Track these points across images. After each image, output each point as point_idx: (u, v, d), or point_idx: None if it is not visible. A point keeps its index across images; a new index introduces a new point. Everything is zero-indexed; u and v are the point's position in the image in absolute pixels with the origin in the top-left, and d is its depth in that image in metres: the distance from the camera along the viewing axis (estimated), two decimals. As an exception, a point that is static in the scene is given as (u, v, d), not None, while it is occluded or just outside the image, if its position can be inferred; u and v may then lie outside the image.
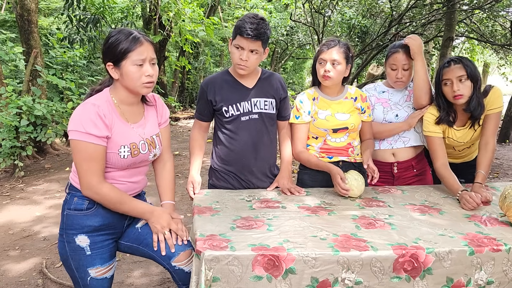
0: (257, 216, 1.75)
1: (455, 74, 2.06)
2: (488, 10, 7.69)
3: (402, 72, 2.26)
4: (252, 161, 2.14)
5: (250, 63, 1.97)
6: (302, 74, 23.24)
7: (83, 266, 1.63)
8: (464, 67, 2.05)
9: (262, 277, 1.42)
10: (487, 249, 1.49)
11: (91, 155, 1.54)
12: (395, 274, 1.46)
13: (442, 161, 2.16)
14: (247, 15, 1.96)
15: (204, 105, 2.13)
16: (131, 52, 1.54)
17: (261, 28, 1.92)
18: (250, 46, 1.94)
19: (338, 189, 1.98)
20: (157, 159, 1.84)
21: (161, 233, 1.64)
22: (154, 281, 2.86)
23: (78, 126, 1.52)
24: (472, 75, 2.05)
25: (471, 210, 1.87)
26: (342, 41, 2.13)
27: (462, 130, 2.21)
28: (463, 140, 2.22)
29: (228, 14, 15.18)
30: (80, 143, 1.53)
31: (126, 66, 1.56)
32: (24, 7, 6.33)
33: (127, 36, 1.55)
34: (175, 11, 7.20)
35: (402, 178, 2.36)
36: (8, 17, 10.14)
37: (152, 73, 1.60)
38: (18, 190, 5.05)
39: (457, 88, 2.05)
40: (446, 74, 2.10)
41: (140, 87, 1.60)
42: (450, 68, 2.08)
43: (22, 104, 5.17)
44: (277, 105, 2.16)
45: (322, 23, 8.91)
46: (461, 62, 2.07)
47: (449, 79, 2.08)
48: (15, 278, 2.92)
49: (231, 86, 2.09)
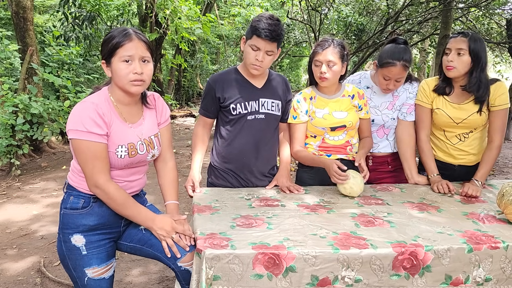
0: (256, 214, 1.76)
1: (455, 45, 2.04)
2: (484, 8, 7.72)
3: (394, 83, 2.16)
4: (252, 160, 2.14)
5: (265, 63, 2.00)
6: (298, 72, 23.26)
7: (79, 266, 1.63)
8: (468, 42, 2.00)
9: (262, 275, 1.42)
10: (485, 246, 1.50)
11: (95, 154, 1.52)
12: (395, 271, 1.47)
13: (427, 132, 2.24)
14: (263, 15, 1.97)
15: (211, 101, 2.13)
16: (120, 48, 1.52)
17: (278, 29, 1.93)
18: (266, 47, 1.95)
19: (336, 177, 1.94)
20: (159, 158, 1.83)
21: (168, 238, 1.62)
22: (152, 280, 2.86)
23: (78, 125, 1.50)
24: (474, 53, 2.00)
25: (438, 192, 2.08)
26: (337, 40, 2.11)
27: (456, 106, 2.15)
28: (454, 117, 2.16)
29: (224, 11, 15.15)
30: (82, 142, 1.51)
31: (115, 62, 1.54)
32: (19, 5, 6.29)
33: (119, 32, 1.54)
34: (171, 9, 7.19)
35: (377, 171, 2.36)
36: (2, 15, 10.07)
37: (141, 71, 1.55)
38: (15, 189, 5.03)
39: (451, 59, 2.04)
40: (450, 43, 2.08)
41: (128, 85, 1.55)
42: (455, 39, 2.06)
43: (18, 102, 5.15)
44: (283, 107, 2.19)
45: (319, 21, 8.92)
46: (468, 36, 2.02)
47: (449, 48, 2.08)
48: (13, 277, 2.91)
49: (240, 84, 2.11)
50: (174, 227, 1.63)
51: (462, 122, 2.16)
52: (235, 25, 13.79)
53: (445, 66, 2.09)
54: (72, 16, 7.98)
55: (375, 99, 2.32)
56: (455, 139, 2.24)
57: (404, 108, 2.29)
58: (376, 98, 2.33)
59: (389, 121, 2.31)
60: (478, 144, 2.24)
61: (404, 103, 2.29)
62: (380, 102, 2.32)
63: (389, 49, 2.15)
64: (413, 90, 2.29)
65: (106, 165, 1.56)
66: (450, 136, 2.24)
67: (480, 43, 2.03)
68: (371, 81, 2.35)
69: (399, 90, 2.30)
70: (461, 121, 2.16)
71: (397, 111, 2.31)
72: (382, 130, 2.35)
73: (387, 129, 2.35)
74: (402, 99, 2.30)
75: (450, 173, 2.23)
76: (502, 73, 11.91)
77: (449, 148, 2.26)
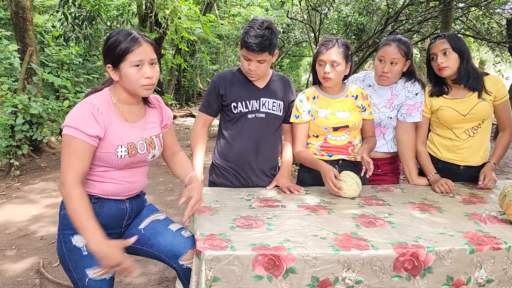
0: (256, 215, 1.75)
1: (439, 48, 2.16)
2: (484, 8, 7.70)
3: (389, 66, 2.18)
4: (252, 159, 2.15)
5: (260, 71, 2.04)
6: (298, 71, 23.23)
7: (80, 266, 1.61)
8: (448, 41, 2.14)
9: (262, 276, 1.41)
10: (487, 247, 1.49)
11: (76, 152, 1.50)
12: (396, 273, 1.46)
13: (422, 138, 2.33)
14: (252, 24, 1.95)
15: (214, 98, 2.15)
16: (130, 53, 1.51)
17: (266, 40, 1.92)
18: (257, 58, 1.98)
19: (330, 186, 1.95)
20: (168, 153, 1.84)
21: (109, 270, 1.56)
22: (152, 280, 2.85)
23: (71, 122, 1.50)
24: (457, 48, 2.13)
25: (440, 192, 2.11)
26: (341, 40, 2.10)
27: (459, 101, 2.21)
28: (460, 110, 2.20)
29: (224, 11, 15.14)
30: (69, 138, 1.50)
31: (125, 68, 1.53)
32: (19, 5, 6.27)
33: (125, 36, 1.52)
34: (171, 9, 7.17)
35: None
36: (2, 15, 10.06)
37: (152, 75, 1.56)
38: (14, 189, 5.02)
39: (440, 60, 2.15)
40: (432, 49, 2.20)
41: (140, 89, 1.57)
42: (435, 43, 2.19)
43: (18, 103, 5.13)
44: (285, 108, 2.19)
45: (319, 21, 8.90)
46: (445, 37, 2.16)
47: (434, 53, 2.19)
48: (12, 278, 2.90)
49: (242, 84, 2.13)
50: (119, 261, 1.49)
51: (470, 113, 2.19)
52: (235, 25, 13.77)
53: (437, 69, 2.18)
54: (72, 16, 7.96)
55: (374, 97, 2.33)
56: (464, 135, 2.24)
57: (403, 109, 2.27)
58: (376, 97, 2.33)
59: (386, 119, 2.30)
60: (486, 144, 2.28)
61: (404, 103, 2.27)
62: (379, 100, 2.32)
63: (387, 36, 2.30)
64: (413, 89, 2.27)
65: (82, 166, 1.52)
66: (459, 133, 2.24)
67: (458, 38, 2.16)
68: (373, 80, 2.37)
69: (398, 89, 2.29)
70: (468, 112, 2.19)
71: (395, 110, 2.30)
72: (379, 129, 2.35)
73: (383, 127, 2.34)
74: (401, 98, 2.29)
75: (454, 176, 2.23)
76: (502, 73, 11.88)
77: (458, 147, 2.26)
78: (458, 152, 2.26)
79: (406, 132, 2.28)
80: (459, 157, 2.27)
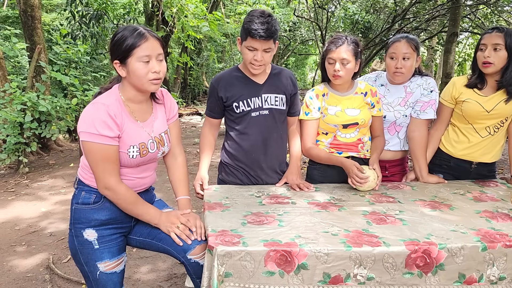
0: (267, 212, 1.75)
1: (491, 41, 2.04)
2: (492, 6, 7.65)
3: (401, 62, 2.17)
4: (261, 157, 2.13)
5: (265, 61, 1.99)
6: (304, 70, 23.20)
7: (91, 260, 1.64)
8: (504, 37, 2.01)
9: (274, 272, 1.42)
10: (499, 245, 1.49)
11: (106, 156, 1.53)
12: (407, 270, 1.46)
13: (441, 127, 2.30)
14: (253, 13, 1.94)
15: (215, 102, 2.13)
16: (136, 48, 1.52)
17: (272, 26, 1.90)
18: (263, 46, 1.94)
19: (356, 180, 1.98)
20: (168, 154, 1.84)
21: (172, 230, 1.64)
22: (161, 277, 2.86)
23: (90, 128, 1.50)
24: (511, 47, 2.00)
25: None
26: (350, 37, 2.09)
27: (486, 98, 2.15)
28: (486, 106, 2.14)
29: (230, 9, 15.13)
30: (93, 145, 1.51)
31: (132, 63, 1.53)
32: (27, 3, 6.32)
33: (132, 32, 1.53)
34: (178, 7, 7.18)
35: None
36: (10, 13, 10.13)
37: (159, 70, 1.57)
38: (23, 186, 5.06)
39: (488, 54, 2.04)
40: (484, 39, 2.08)
41: (147, 84, 1.57)
42: (490, 35, 2.05)
43: (27, 100, 5.17)
44: (288, 101, 2.15)
45: (325, 19, 8.88)
46: (504, 32, 2.02)
47: (485, 44, 2.07)
48: (22, 274, 2.93)
49: (241, 82, 2.10)
50: (179, 218, 1.67)
51: (494, 109, 2.13)
52: (241, 23, 13.78)
53: (481, 62, 2.08)
54: (79, 14, 8.00)
55: (388, 96, 2.32)
56: (484, 131, 2.20)
57: (417, 106, 2.26)
58: (389, 96, 2.32)
59: (401, 117, 2.29)
60: (502, 143, 2.25)
61: (418, 100, 2.26)
62: (392, 99, 2.31)
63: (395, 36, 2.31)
64: (428, 86, 2.26)
65: (116, 166, 1.57)
66: (480, 128, 2.20)
67: None
68: (386, 79, 2.36)
69: (412, 87, 2.28)
70: (492, 108, 2.13)
71: (410, 108, 2.28)
72: (394, 127, 2.33)
73: (398, 126, 2.32)
74: (416, 95, 2.27)
75: (464, 175, 2.22)
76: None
77: (475, 143, 2.22)
78: (474, 149, 2.23)
79: (418, 129, 2.27)
80: (475, 154, 2.24)
